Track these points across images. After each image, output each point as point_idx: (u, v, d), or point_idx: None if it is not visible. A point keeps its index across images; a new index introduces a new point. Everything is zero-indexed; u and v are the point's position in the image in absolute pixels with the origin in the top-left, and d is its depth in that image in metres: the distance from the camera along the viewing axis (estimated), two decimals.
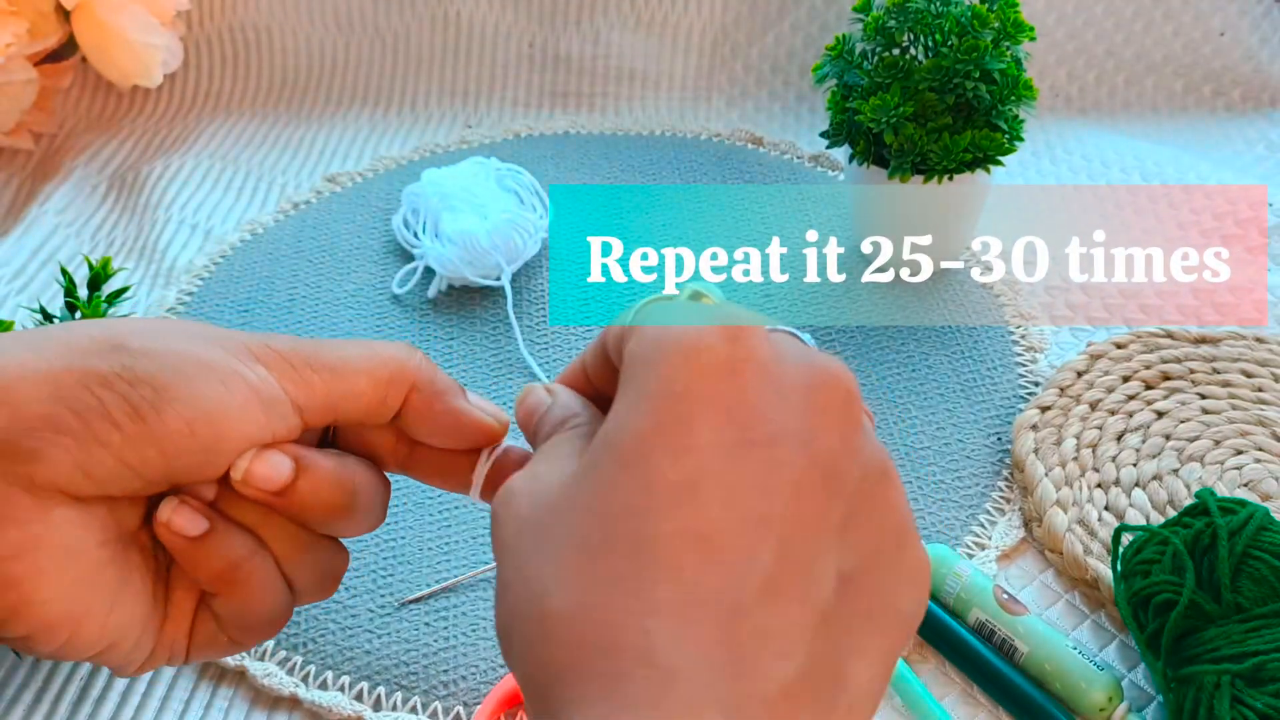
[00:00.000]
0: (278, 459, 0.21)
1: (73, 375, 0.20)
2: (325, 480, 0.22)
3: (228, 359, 0.21)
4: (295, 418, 0.22)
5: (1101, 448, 0.43)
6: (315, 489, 0.22)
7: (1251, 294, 0.51)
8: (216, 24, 0.70)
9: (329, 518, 0.22)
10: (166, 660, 0.23)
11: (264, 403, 0.21)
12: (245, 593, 0.22)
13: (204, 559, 0.21)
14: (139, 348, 0.20)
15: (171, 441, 0.20)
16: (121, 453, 0.20)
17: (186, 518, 0.21)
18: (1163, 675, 0.34)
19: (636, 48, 0.69)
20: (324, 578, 0.23)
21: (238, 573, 0.21)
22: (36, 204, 0.61)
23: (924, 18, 0.46)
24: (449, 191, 0.55)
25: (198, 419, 0.20)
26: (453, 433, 0.23)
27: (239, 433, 0.21)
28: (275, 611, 0.22)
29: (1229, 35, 0.66)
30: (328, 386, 0.22)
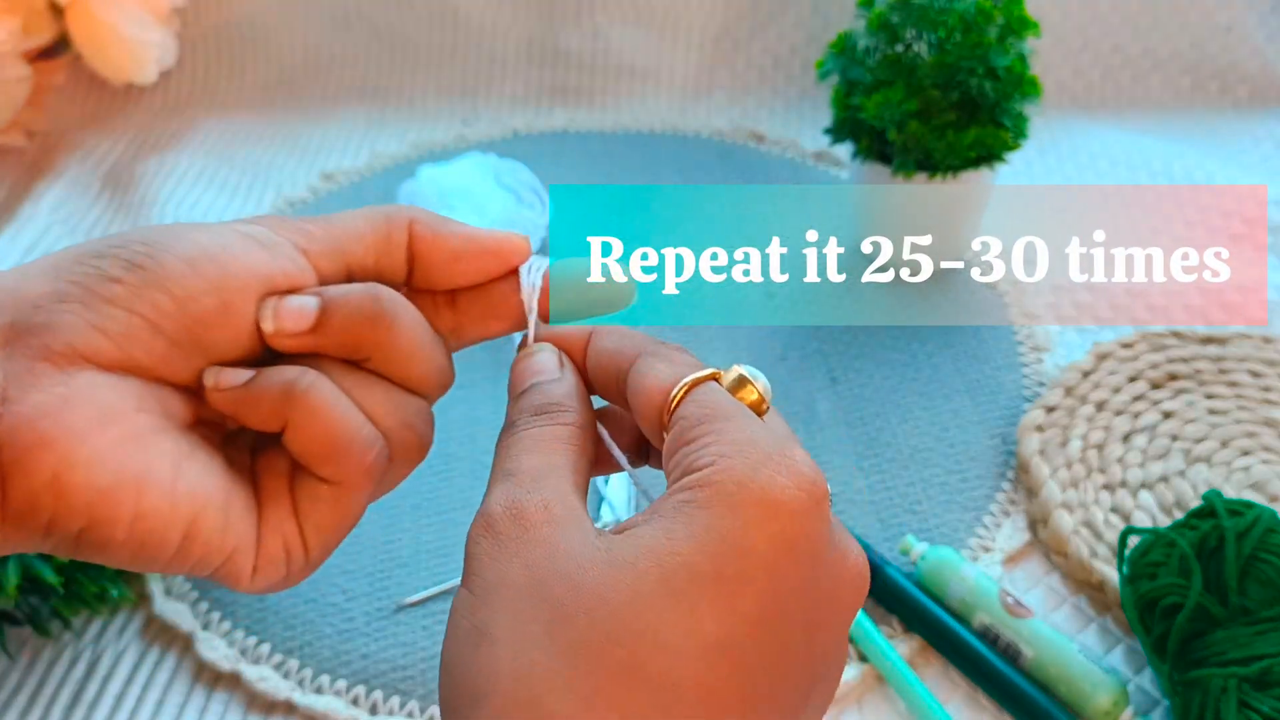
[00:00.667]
0: (300, 299, 0.21)
1: (68, 257, 0.20)
2: (357, 306, 0.21)
3: (219, 224, 0.21)
4: (302, 259, 0.21)
5: (1108, 449, 0.43)
6: (350, 318, 0.21)
7: (1258, 294, 0.51)
8: (211, 20, 0.69)
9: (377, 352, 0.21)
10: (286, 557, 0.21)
11: (263, 245, 0.21)
12: (311, 410, 0.20)
13: (257, 397, 0.20)
14: (129, 234, 0.21)
15: (177, 282, 0.20)
16: (131, 304, 0.19)
17: (230, 373, 0.20)
18: (1169, 679, 0.34)
19: (637, 43, 0.69)
20: (403, 423, 0.22)
21: (294, 390, 0.20)
22: (30, 201, 0.60)
23: (928, 13, 0.46)
24: (447, 189, 0.54)
25: (197, 257, 0.20)
26: (472, 255, 0.23)
27: (244, 267, 0.20)
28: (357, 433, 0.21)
29: (1235, 32, 0.66)
30: (324, 232, 0.22)
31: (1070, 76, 0.67)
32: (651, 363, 0.22)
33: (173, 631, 0.39)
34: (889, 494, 0.42)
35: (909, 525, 0.41)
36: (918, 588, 0.38)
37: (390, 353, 0.21)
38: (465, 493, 0.43)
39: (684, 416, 0.20)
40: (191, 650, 0.38)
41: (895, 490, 0.43)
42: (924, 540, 0.40)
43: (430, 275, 0.23)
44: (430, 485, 0.43)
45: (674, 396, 0.20)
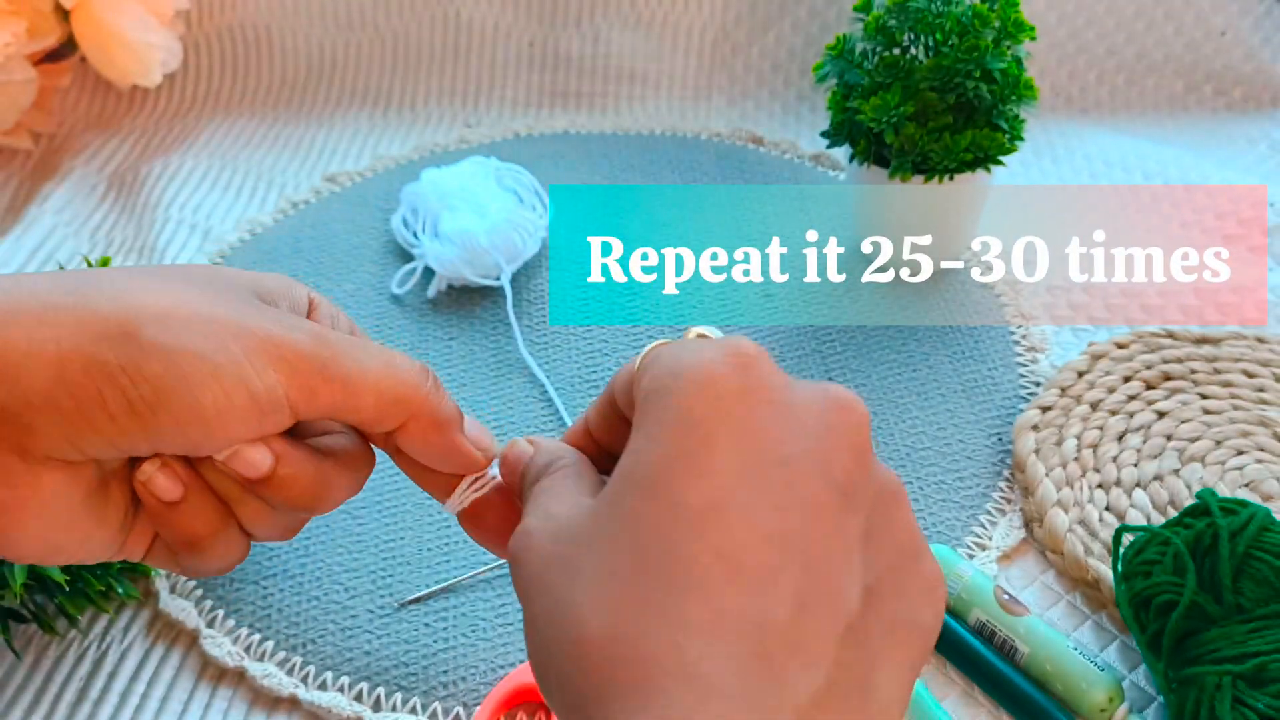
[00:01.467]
0: (260, 453, 0.22)
1: (78, 361, 0.20)
2: (302, 477, 0.23)
3: (239, 363, 0.21)
4: (289, 419, 0.22)
5: (1103, 448, 0.43)
6: (291, 480, 0.22)
7: (1253, 294, 0.51)
8: (216, 23, 0.70)
9: (299, 506, 0.23)
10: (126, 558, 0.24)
11: (263, 412, 0.21)
12: (204, 554, 0.23)
13: (173, 523, 0.22)
14: (150, 341, 0.20)
15: (161, 436, 0.21)
16: (115, 440, 0.21)
17: (166, 481, 0.22)
18: (1164, 676, 0.34)
19: (636, 47, 0.69)
20: (285, 533, 0.24)
21: (202, 543, 0.23)
22: (35, 204, 0.61)
23: (925, 17, 0.46)
24: (448, 191, 0.55)
25: (192, 423, 0.21)
26: (439, 461, 0.24)
27: (230, 434, 0.21)
28: (229, 563, 0.24)
29: (1230, 34, 0.66)
30: (332, 401, 0.22)
31: (1066, 79, 0.67)
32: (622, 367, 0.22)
33: (178, 628, 0.39)
34: None
35: None
36: None
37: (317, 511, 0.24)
38: None
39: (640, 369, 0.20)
40: (196, 647, 0.39)
41: None
42: None
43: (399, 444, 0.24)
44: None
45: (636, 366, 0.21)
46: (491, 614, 0.39)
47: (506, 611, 0.39)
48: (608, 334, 0.51)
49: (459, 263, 0.51)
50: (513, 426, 0.46)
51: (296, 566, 0.41)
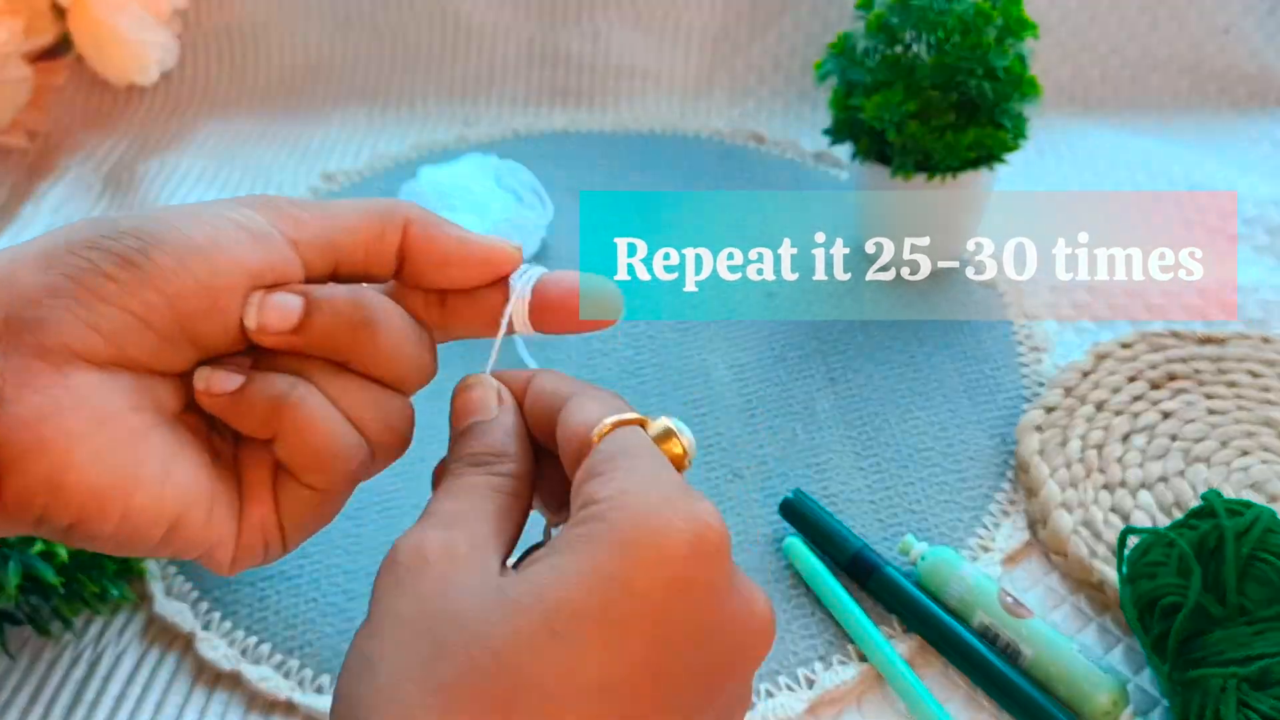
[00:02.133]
0: (284, 297, 0.21)
1: (61, 244, 0.20)
2: (340, 309, 0.21)
3: (214, 206, 0.21)
4: (291, 252, 0.21)
5: (1107, 449, 0.43)
6: (333, 321, 0.21)
7: (1257, 293, 0.51)
8: (213, 21, 0.69)
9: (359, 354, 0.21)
10: (264, 548, 0.22)
11: (254, 235, 0.21)
12: (300, 425, 0.21)
13: (248, 407, 0.21)
14: (122, 216, 0.21)
15: (167, 280, 0.20)
16: (123, 301, 0.19)
17: (221, 377, 0.21)
18: (1168, 679, 0.34)
19: (637, 45, 0.69)
20: (386, 425, 0.22)
21: (284, 404, 0.21)
22: (31, 202, 0.60)
23: (927, 15, 0.46)
24: (447, 190, 0.54)
25: (187, 253, 0.20)
26: (462, 261, 0.23)
27: (233, 263, 0.20)
28: (340, 446, 0.21)
29: (1234, 33, 0.66)
30: (318, 222, 0.22)
31: (1069, 77, 0.67)
32: (581, 402, 0.22)
33: (173, 631, 0.39)
34: (888, 493, 0.43)
35: (908, 525, 0.41)
36: (917, 587, 0.38)
37: (372, 356, 0.22)
38: None
39: (599, 450, 0.20)
40: (192, 650, 0.38)
41: (894, 490, 0.43)
42: (923, 540, 0.41)
43: (419, 276, 0.23)
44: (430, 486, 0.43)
45: (596, 434, 0.20)
46: None
47: None
48: (607, 334, 0.51)
49: None
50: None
51: (293, 568, 0.40)
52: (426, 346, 0.23)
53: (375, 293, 0.22)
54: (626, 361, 0.49)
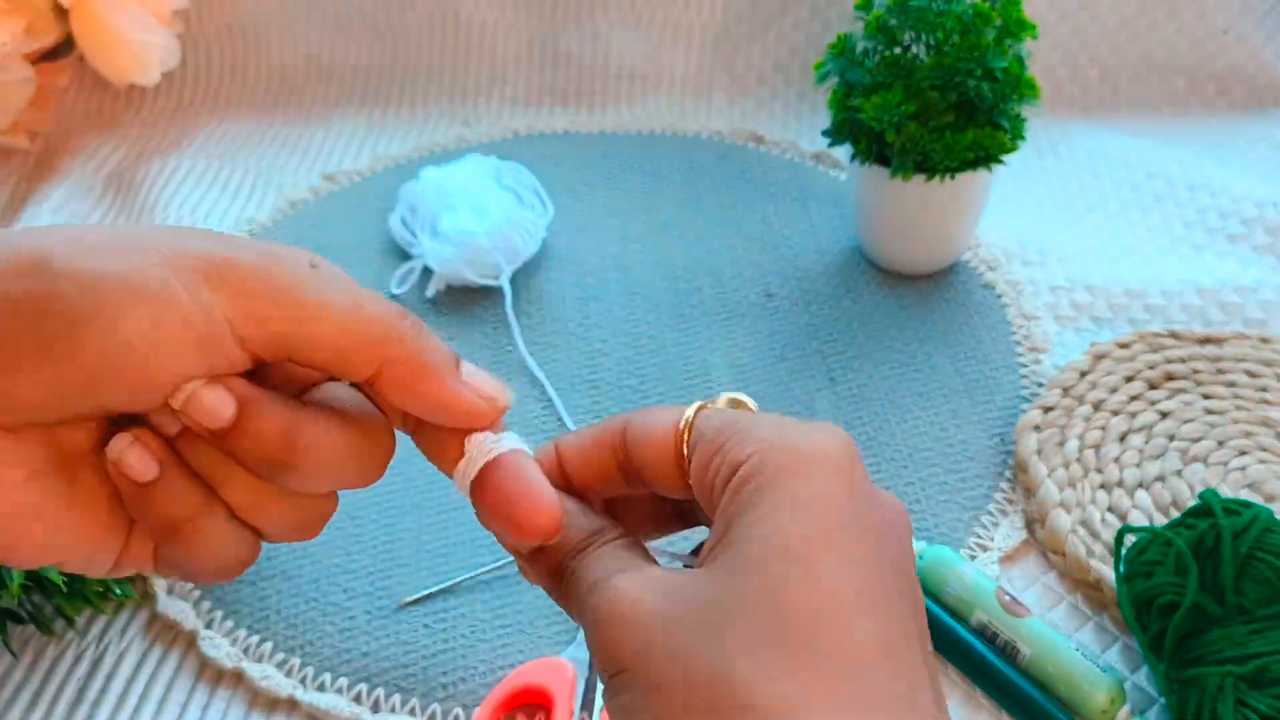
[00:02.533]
0: (218, 395, 0.19)
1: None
2: (267, 436, 0.19)
3: (166, 283, 0.18)
4: (239, 351, 0.19)
5: (1105, 449, 0.43)
6: (255, 445, 0.19)
7: (1256, 294, 0.51)
8: (214, 22, 0.69)
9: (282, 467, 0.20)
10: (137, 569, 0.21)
11: (200, 340, 0.18)
12: (190, 548, 0.20)
13: (149, 508, 0.19)
14: (63, 267, 0.18)
15: (89, 375, 0.18)
16: (37, 381, 0.18)
17: (137, 458, 0.19)
18: (1166, 677, 0.34)
19: (637, 45, 0.69)
20: (298, 526, 0.21)
21: (183, 529, 0.19)
22: (34, 203, 0.60)
23: (926, 16, 0.46)
24: (448, 190, 0.54)
25: (117, 356, 0.18)
26: (433, 413, 0.21)
27: (169, 370, 0.19)
28: (229, 563, 0.20)
29: (1233, 34, 0.66)
30: (284, 329, 0.19)
31: (1068, 78, 0.67)
32: (645, 418, 0.22)
33: (176, 630, 0.39)
34: None
35: None
36: None
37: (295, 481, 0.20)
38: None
39: (700, 437, 0.20)
40: (195, 648, 0.38)
41: (894, 489, 0.43)
42: (922, 539, 0.41)
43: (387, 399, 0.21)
44: (431, 485, 0.43)
45: (683, 428, 0.21)
46: (491, 615, 0.39)
47: (505, 613, 0.39)
48: (607, 334, 0.51)
49: (458, 262, 0.51)
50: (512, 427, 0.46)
51: (294, 568, 0.41)
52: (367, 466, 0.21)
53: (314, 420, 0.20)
54: (626, 361, 0.49)
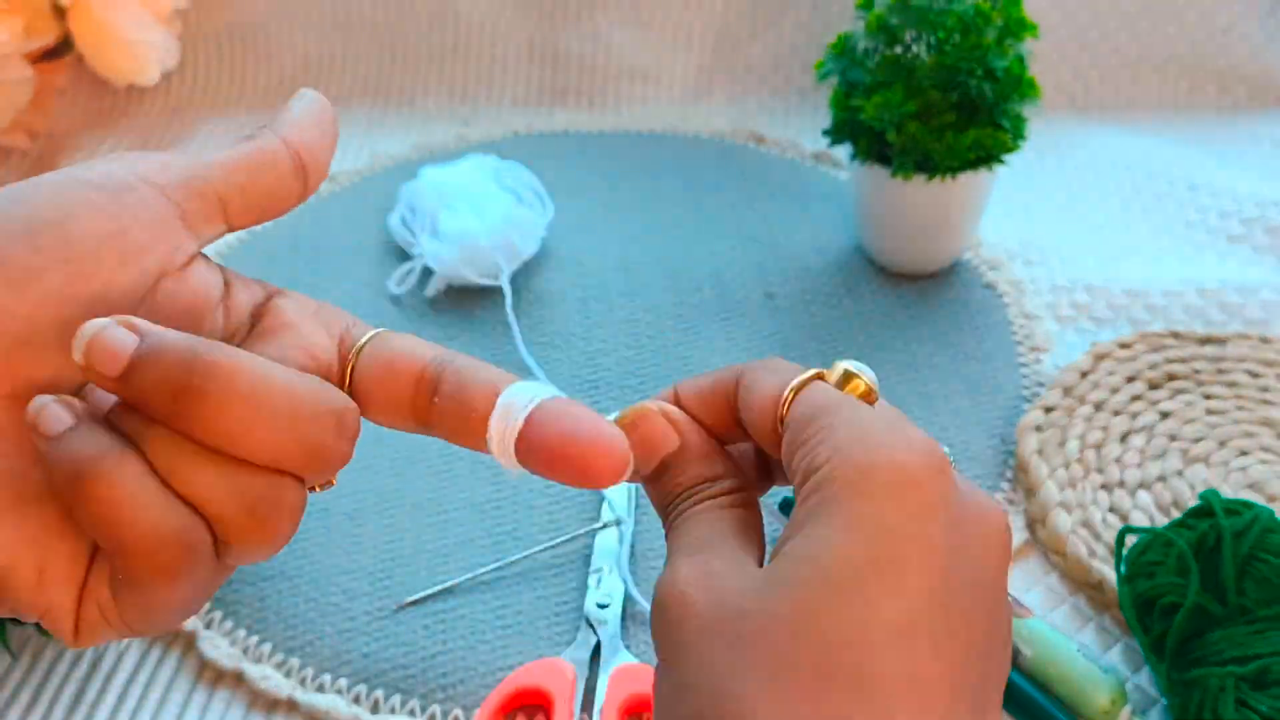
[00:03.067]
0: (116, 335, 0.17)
1: None
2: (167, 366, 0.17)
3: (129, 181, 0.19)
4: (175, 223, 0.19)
5: (1106, 449, 0.43)
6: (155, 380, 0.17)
7: (1257, 294, 0.51)
8: (213, 22, 0.69)
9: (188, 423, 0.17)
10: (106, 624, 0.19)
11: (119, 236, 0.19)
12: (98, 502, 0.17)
13: (54, 463, 0.17)
14: None
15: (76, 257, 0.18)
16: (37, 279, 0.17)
17: (50, 415, 0.17)
18: (1167, 678, 0.34)
19: (637, 45, 0.69)
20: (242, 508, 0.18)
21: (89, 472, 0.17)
22: None
23: (927, 15, 0.46)
24: (447, 190, 0.54)
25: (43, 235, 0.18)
26: None
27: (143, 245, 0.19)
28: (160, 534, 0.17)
29: (1234, 33, 0.66)
30: None
31: (1069, 78, 0.67)
32: (756, 376, 0.21)
33: (175, 630, 0.39)
34: None
35: None
36: None
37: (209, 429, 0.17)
38: (465, 492, 0.43)
39: (794, 419, 0.20)
40: (194, 649, 0.38)
41: None
42: None
43: None
44: (430, 485, 0.43)
45: (784, 402, 0.20)
46: (491, 616, 0.39)
47: (505, 613, 0.39)
48: (607, 334, 0.51)
49: (458, 262, 0.51)
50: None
51: (294, 568, 0.40)
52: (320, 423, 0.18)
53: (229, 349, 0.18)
54: (627, 361, 0.49)
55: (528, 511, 0.42)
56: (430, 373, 0.20)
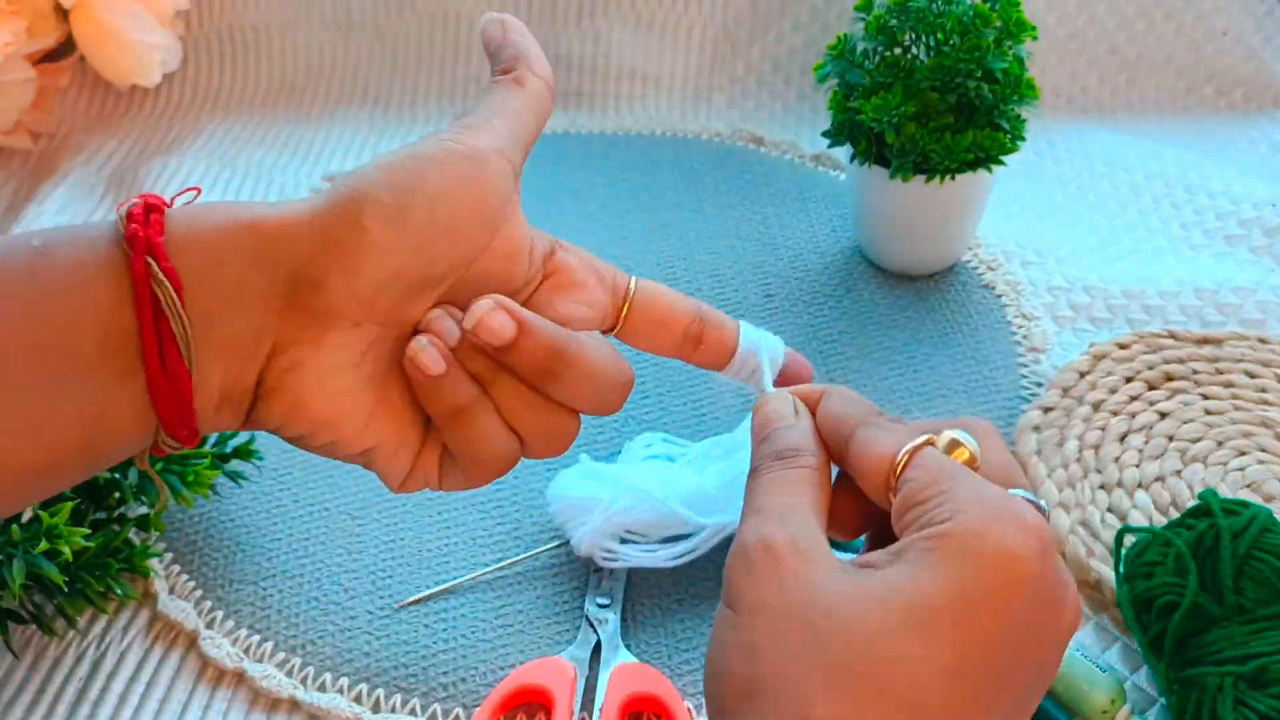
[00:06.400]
0: (501, 319, 0.24)
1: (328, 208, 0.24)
2: (543, 345, 0.24)
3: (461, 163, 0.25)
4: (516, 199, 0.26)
5: (1104, 449, 0.43)
6: (532, 353, 0.24)
7: (1254, 294, 0.51)
8: (215, 23, 0.70)
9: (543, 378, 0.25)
10: (424, 483, 0.27)
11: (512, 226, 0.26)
12: (468, 435, 0.25)
13: (436, 396, 0.25)
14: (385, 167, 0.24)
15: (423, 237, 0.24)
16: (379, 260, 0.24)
17: (430, 356, 0.24)
18: (1165, 677, 0.34)
19: (637, 47, 0.69)
20: (548, 436, 0.26)
21: (462, 415, 0.25)
22: (35, 203, 0.60)
23: (926, 17, 0.46)
24: None
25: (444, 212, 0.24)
26: None
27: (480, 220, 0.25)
28: (497, 455, 0.25)
29: (1232, 35, 0.66)
30: None
31: (1067, 80, 0.67)
32: (873, 433, 0.25)
33: (177, 630, 0.39)
34: None
35: None
36: None
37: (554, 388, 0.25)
38: (466, 492, 0.43)
39: (912, 479, 0.23)
40: (195, 648, 0.38)
41: None
42: None
43: None
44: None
45: (899, 462, 0.24)
46: (491, 615, 0.39)
47: (506, 613, 0.39)
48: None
49: None
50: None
51: (295, 567, 0.41)
52: (617, 385, 0.26)
53: (576, 340, 0.25)
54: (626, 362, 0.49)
55: (528, 511, 0.42)
56: (695, 328, 0.29)
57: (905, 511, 0.23)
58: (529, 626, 0.38)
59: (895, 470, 0.24)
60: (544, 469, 0.44)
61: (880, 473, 0.24)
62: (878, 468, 0.24)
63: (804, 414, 0.26)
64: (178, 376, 0.23)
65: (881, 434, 0.24)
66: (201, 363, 0.23)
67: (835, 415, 0.26)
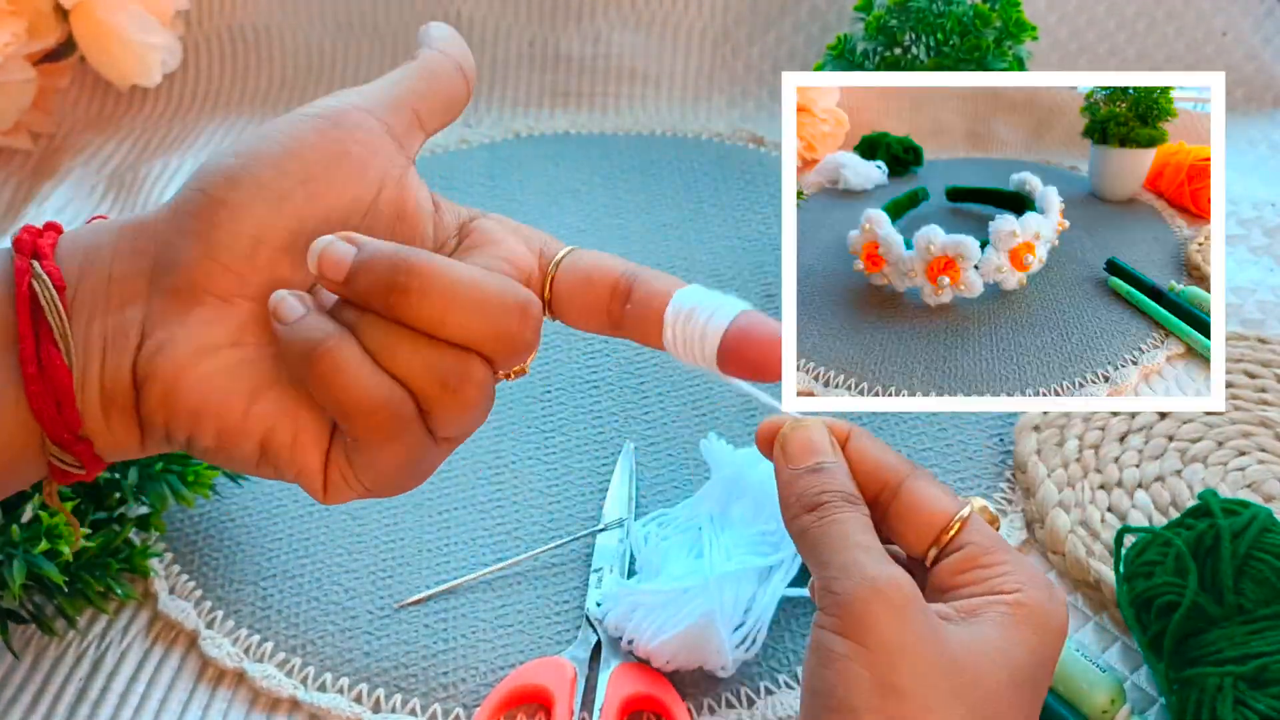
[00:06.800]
0: (341, 249, 0.22)
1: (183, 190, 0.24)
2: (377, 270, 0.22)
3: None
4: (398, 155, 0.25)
5: (1104, 449, 0.43)
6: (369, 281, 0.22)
7: (1254, 294, 0.51)
8: (216, 24, 0.70)
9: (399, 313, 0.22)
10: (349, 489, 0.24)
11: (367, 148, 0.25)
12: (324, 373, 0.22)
13: (288, 346, 0.22)
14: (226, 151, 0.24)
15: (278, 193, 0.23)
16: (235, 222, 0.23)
17: (288, 305, 0.22)
18: (1165, 677, 0.34)
19: (637, 47, 0.69)
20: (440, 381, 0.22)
21: (314, 351, 0.22)
22: (35, 204, 0.61)
23: (926, 17, 0.46)
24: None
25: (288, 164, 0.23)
26: None
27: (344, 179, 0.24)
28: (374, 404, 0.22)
29: (1231, 35, 0.66)
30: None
31: None
32: (927, 488, 0.27)
33: (177, 629, 0.39)
34: None
35: None
36: None
37: (414, 317, 0.22)
38: (466, 491, 0.43)
39: (972, 543, 0.26)
40: (196, 648, 0.38)
41: None
42: None
43: None
44: (431, 484, 0.43)
45: (953, 527, 0.26)
46: (491, 615, 0.39)
47: (506, 613, 0.39)
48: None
49: None
50: (513, 427, 0.46)
51: (295, 567, 0.41)
52: (498, 304, 0.23)
53: (427, 253, 0.22)
54: (626, 361, 0.49)
55: (528, 511, 0.42)
56: (623, 284, 0.26)
57: (964, 570, 0.26)
58: (529, 626, 0.38)
59: (950, 529, 0.26)
60: (544, 469, 0.44)
61: (933, 529, 0.26)
62: (932, 525, 0.26)
63: (839, 453, 0.27)
64: (56, 373, 0.22)
65: (935, 490, 0.27)
66: (82, 362, 0.22)
67: (879, 461, 0.27)
